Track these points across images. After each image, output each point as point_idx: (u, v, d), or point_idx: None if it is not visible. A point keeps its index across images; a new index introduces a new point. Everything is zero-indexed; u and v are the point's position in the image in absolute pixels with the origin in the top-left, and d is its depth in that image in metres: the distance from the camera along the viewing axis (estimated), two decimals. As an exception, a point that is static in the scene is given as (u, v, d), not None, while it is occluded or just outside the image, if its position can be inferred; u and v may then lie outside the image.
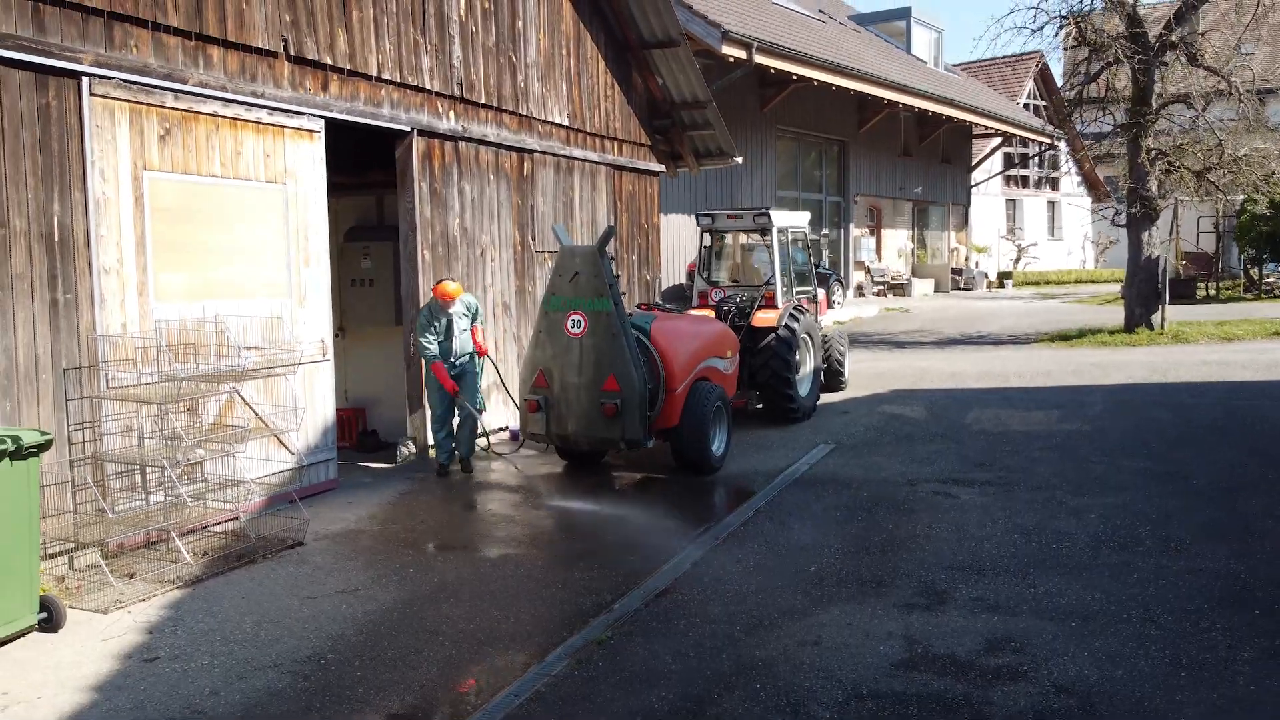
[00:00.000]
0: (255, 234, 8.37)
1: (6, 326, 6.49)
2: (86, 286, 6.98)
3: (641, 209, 15.09)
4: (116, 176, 7.20)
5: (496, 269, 11.64)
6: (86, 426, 6.95)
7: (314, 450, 8.96)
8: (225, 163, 8.11)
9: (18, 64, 6.54)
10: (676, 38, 14.27)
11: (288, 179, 8.72)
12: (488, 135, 11.41)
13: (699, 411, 9.45)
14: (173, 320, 7.57)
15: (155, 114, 7.49)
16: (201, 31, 7.86)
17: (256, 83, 8.38)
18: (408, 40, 10.17)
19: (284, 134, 8.67)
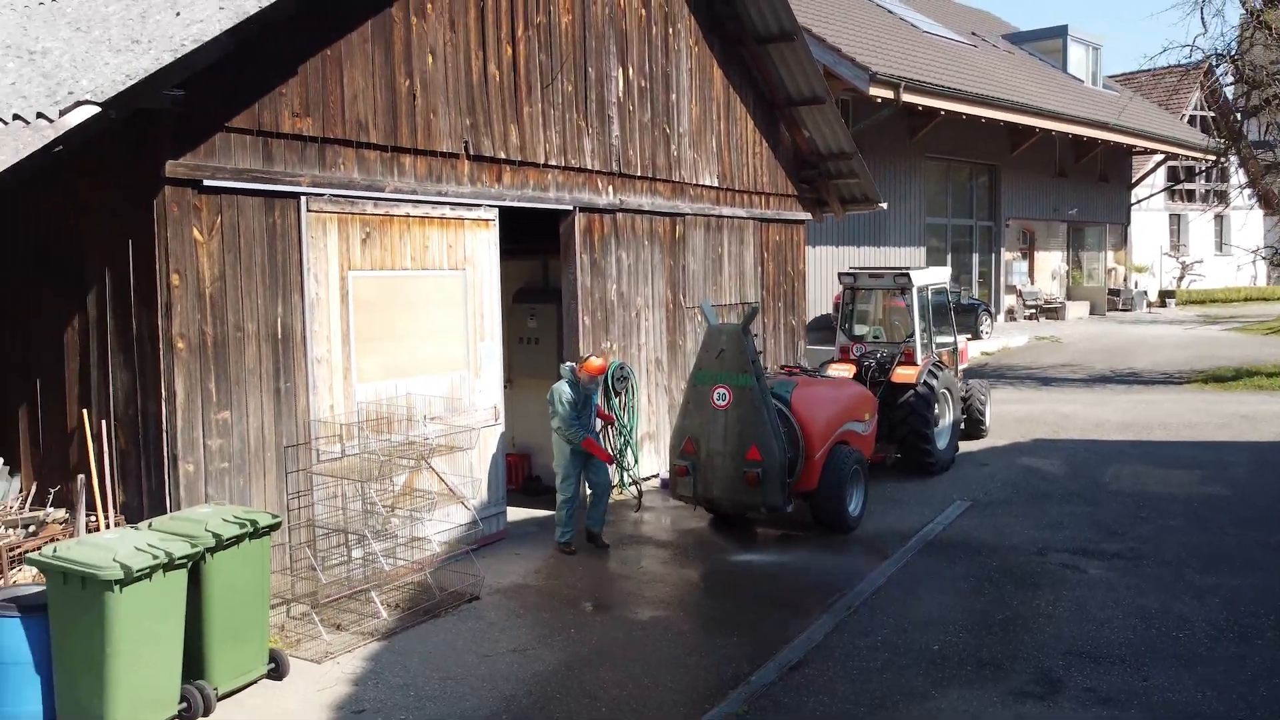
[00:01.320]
0: (439, 316, 9.43)
1: (242, 414, 7.66)
2: (303, 375, 8.11)
3: (788, 257, 15.70)
4: (327, 278, 8.32)
5: (649, 327, 12.49)
6: (301, 494, 8.08)
7: (487, 505, 9.97)
8: (415, 256, 9.19)
9: (252, 192, 7.70)
10: (822, 95, 14.83)
11: (467, 265, 9.76)
12: (643, 205, 12.27)
13: (837, 475, 10.06)
14: (370, 399, 8.66)
15: (358, 221, 8.60)
16: (396, 144, 8.93)
17: (441, 183, 9.43)
18: (571, 127, 11.10)
19: (464, 225, 9.71)
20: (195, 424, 7.34)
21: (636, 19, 12.15)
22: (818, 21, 21.95)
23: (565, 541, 9.71)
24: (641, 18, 12.25)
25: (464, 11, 9.65)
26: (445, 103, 9.44)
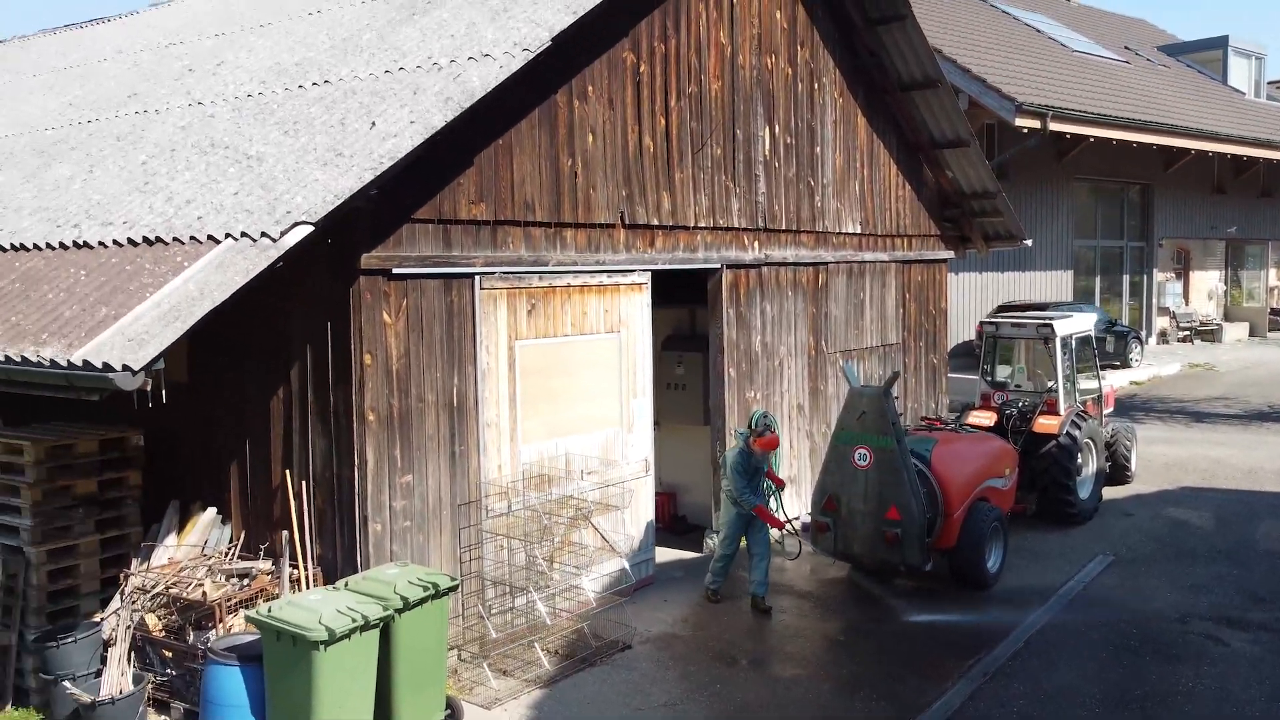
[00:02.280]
0: (595, 377, 10.06)
1: (422, 476, 8.44)
2: (474, 439, 8.85)
3: (930, 297, 15.85)
4: (497, 349, 9.04)
5: (792, 375, 12.89)
6: (471, 548, 8.82)
7: (637, 551, 10.57)
8: (574, 322, 9.84)
9: (433, 275, 8.46)
10: (966, 138, 14.94)
11: (621, 328, 10.37)
12: (787, 258, 12.68)
13: (976, 533, 10.29)
14: (533, 458, 9.35)
15: (524, 294, 9.30)
16: (559, 220, 9.59)
17: (599, 252, 10.05)
18: (720, 188, 11.60)
19: (619, 290, 10.32)
20: (383, 487, 8.13)
21: (783, 78, 12.56)
22: (964, 49, 21.91)
23: (714, 590, 10.22)
24: (788, 76, 12.66)
25: (621, 90, 10.26)
26: (604, 177, 10.06)
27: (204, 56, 12.97)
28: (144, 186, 8.70)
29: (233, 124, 9.45)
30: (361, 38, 10.74)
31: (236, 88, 10.67)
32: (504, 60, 8.31)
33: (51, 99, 14.03)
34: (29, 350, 6.49)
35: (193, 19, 15.85)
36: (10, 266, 8.23)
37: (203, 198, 7.88)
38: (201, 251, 6.97)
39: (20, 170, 10.82)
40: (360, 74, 9.43)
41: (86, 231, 8.16)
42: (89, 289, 7.15)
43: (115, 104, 12.16)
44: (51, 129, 12.17)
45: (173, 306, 6.37)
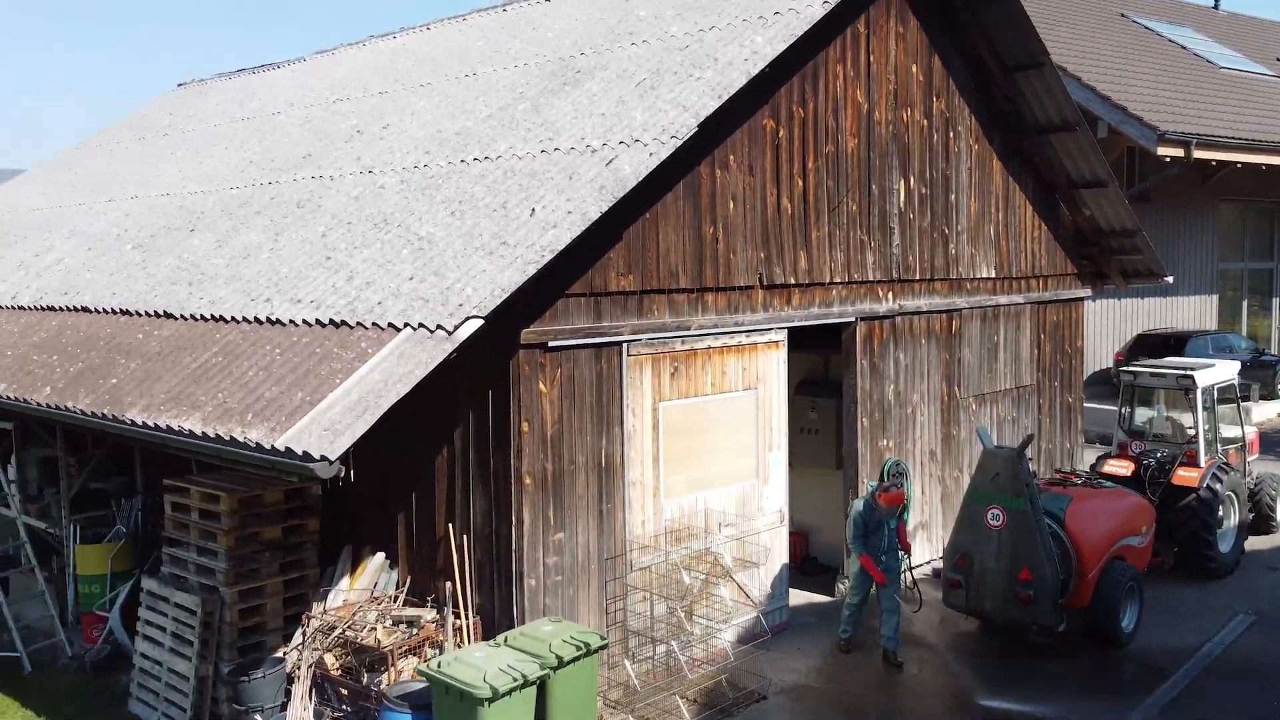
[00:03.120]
0: (733, 433, 10.44)
1: (572, 534, 8.97)
2: (620, 497, 9.33)
3: (1065, 336, 15.69)
4: (642, 411, 9.50)
5: (924, 421, 13.01)
6: (617, 600, 9.31)
7: (772, 599, 10.91)
8: (714, 382, 10.24)
9: (585, 346, 8.97)
10: (1105, 179, 14.75)
11: (758, 384, 10.72)
12: (920, 306, 12.80)
13: (1110, 593, 10.29)
14: (674, 513, 9.79)
15: (668, 358, 9.74)
16: (701, 286, 10.00)
17: (738, 313, 10.42)
18: (854, 243, 11.82)
19: (756, 349, 10.67)
20: (537, 545, 8.69)
21: (918, 130, 12.69)
22: (1102, 73, 21.45)
23: (845, 640, 10.49)
24: (923, 128, 12.78)
25: (761, 155, 10.60)
26: (743, 241, 10.42)
27: (370, 116, 13.83)
28: (325, 262, 9.46)
29: (402, 198, 10.16)
30: (516, 108, 11.34)
31: (403, 156, 11.41)
32: (654, 147, 8.76)
33: (233, 153, 15.14)
34: (237, 431, 7.24)
35: (357, 72, 16.81)
36: (212, 338, 9.08)
37: (381, 280, 8.56)
38: (384, 339, 7.62)
39: (213, 233, 11.80)
40: (518, 151, 10.01)
41: (278, 307, 8.94)
42: (284, 370, 7.89)
43: (292, 165, 13.09)
44: (236, 188, 13.18)
45: (361, 397, 7.02)
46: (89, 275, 12.28)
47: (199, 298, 9.96)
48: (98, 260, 12.72)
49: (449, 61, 14.81)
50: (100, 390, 9.04)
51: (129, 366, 9.28)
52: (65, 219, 15.73)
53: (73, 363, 9.98)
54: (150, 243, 12.52)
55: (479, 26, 16.14)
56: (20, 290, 12.96)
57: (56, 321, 11.37)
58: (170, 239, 12.31)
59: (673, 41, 11.20)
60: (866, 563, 10.18)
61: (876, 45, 12.05)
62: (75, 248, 13.78)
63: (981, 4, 12.96)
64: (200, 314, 9.62)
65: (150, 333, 9.78)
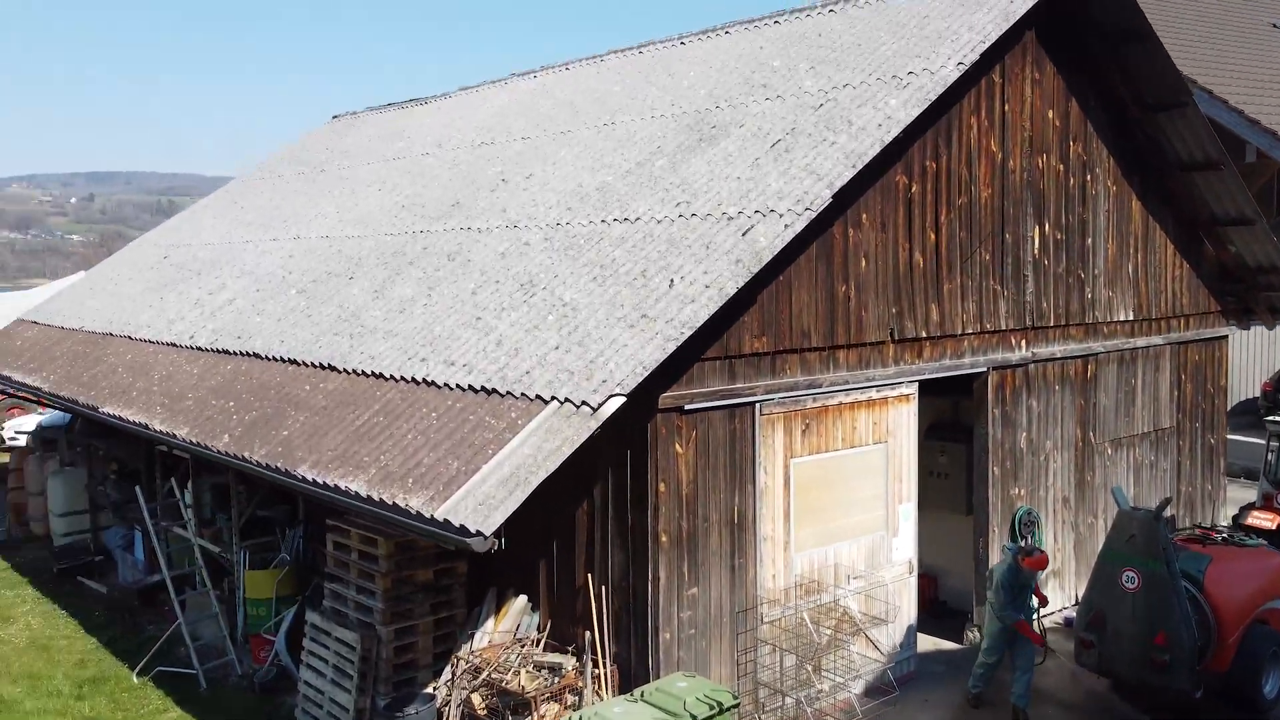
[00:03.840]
0: (862, 486, 10.55)
1: (705, 589, 9.25)
2: (752, 552, 9.56)
3: (1207, 376, 15.20)
4: (773, 468, 9.71)
5: (1058, 468, 12.82)
6: (747, 652, 9.54)
7: (900, 649, 10.97)
8: (845, 437, 10.37)
9: (719, 407, 9.23)
10: (1252, 216, 14.24)
11: (888, 438, 10.79)
12: (1055, 353, 12.63)
13: (1251, 659, 10.01)
14: (804, 567, 9.96)
15: (799, 415, 9.92)
16: (832, 343, 10.14)
17: (869, 369, 10.52)
18: (987, 293, 11.75)
19: (886, 403, 10.75)
20: (672, 600, 8.99)
21: (1054, 175, 12.52)
22: (1253, 96, 20.58)
23: (975, 694, 10.47)
24: (1059, 173, 12.60)
25: (893, 212, 10.66)
26: (874, 297, 10.51)
27: (513, 163, 14.37)
28: (476, 322, 9.96)
29: (546, 258, 10.59)
30: (654, 164, 11.66)
31: (545, 211, 11.86)
32: (789, 218, 8.96)
33: (386, 196, 15.91)
34: (399, 497, 7.76)
35: (500, 114, 17.42)
36: (373, 396, 9.68)
37: (528, 347, 8.99)
38: (532, 410, 8.04)
39: (370, 281, 12.49)
40: (656, 214, 10.33)
41: (433, 368, 9.48)
42: (440, 435, 8.39)
43: (442, 212, 13.72)
44: (390, 234, 13.89)
45: (512, 471, 7.44)
46: (258, 319, 13.14)
47: (360, 352, 10.60)
48: (266, 304, 13.58)
49: (588, 107, 15.24)
50: (273, 442, 9.74)
51: (298, 419, 9.97)
52: (235, 256, 16.79)
53: (247, 411, 10.75)
54: (313, 288, 13.31)
55: (616, 70, 16.53)
56: (197, 330, 13.94)
57: (231, 366, 12.22)
58: (331, 285, 13.07)
59: (806, 99, 11.35)
60: (1024, 628, 10.05)
61: (1012, 94, 11.95)
62: (245, 288, 14.73)
63: (1121, 44, 12.69)
64: (361, 369, 10.25)
65: (316, 385, 10.46)
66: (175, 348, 13.86)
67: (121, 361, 14.43)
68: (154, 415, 11.90)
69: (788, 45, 13.42)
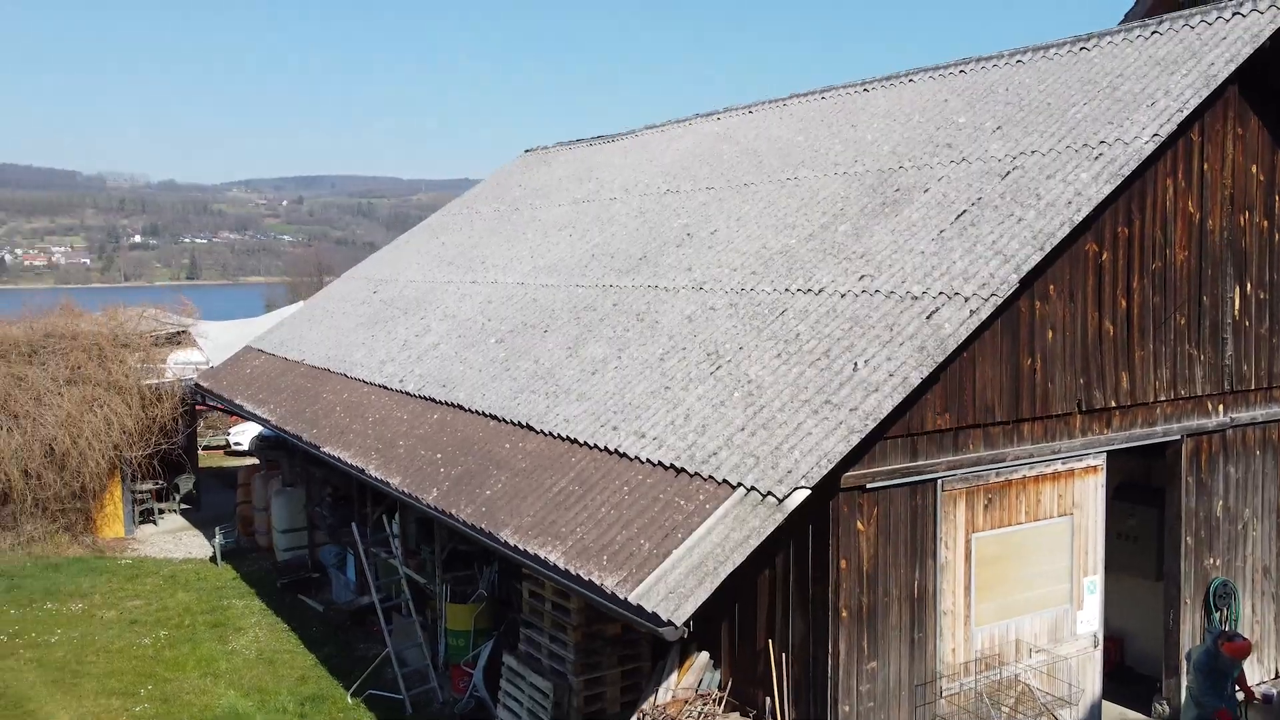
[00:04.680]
0: (1045, 560, 10.39)
1: (884, 662, 9.36)
2: (932, 626, 9.60)
3: None
4: (954, 543, 9.71)
5: (1257, 537, 12.22)
6: (925, 722, 9.59)
7: (1081, 722, 10.76)
8: (1028, 511, 10.25)
9: (900, 485, 9.32)
10: None
11: (1074, 510, 10.59)
12: (1255, 417, 12.04)
13: None
14: (984, 641, 9.92)
15: (981, 490, 9.88)
16: (1017, 417, 10.03)
17: (1054, 441, 10.35)
18: (1182, 358, 11.33)
19: (1073, 475, 10.55)
20: (851, 673, 9.15)
21: (1257, 232, 11.94)
22: None
23: None
24: (1263, 229, 12.00)
25: (1082, 281, 10.44)
26: (1061, 369, 10.33)
27: (698, 215, 14.74)
28: (664, 392, 10.37)
29: (731, 325, 10.90)
30: (837, 229, 11.79)
31: (730, 274, 12.16)
32: (974, 303, 8.96)
33: (577, 243, 16.58)
34: (595, 575, 8.24)
35: (684, 159, 17.84)
36: (568, 463, 10.23)
37: (715, 425, 9.33)
38: (719, 495, 8.36)
39: (563, 337, 13.12)
40: (840, 286, 10.47)
41: (624, 439, 9.94)
42: (631, 512, 8.83)
43: (630, 266, 14.22)
44: (581, 286, 14.50)
45: (701, 560, 7.80)
46: (460, 368, 13.98)
47: (555, 414, 11.19)
48: (467, 352, 14.43)
49: (771, 157, 15.46)
50: (478, 501, 10.43)
51: (500, 479, 10.62)
52: (437, 297, 17.83)
53: (453, 465, 11.52)
54: (510, 339, 14.05)
55: (799, 117, 16.66)
56: (406, 374, 14.93)
57: (437, 416, 13.07)
58: (527, 338, 13.77)
59: (993, 164, 11.23)
60: (1225, 717, 9.74)
61: (1211, 152, 11.46)
62: (448, 332, 15.66)
63: (1333, 89, 11.97)
64: (557, 433, 10.82)
65: (516, 444, 11.11)
66: (386, 390, 14.89)
67: (339, 400, 15.60)
68: (369, 460, 12.87)
69: (974, 100, 13.26)
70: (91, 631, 15.85)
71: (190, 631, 15.71)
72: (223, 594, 17.60)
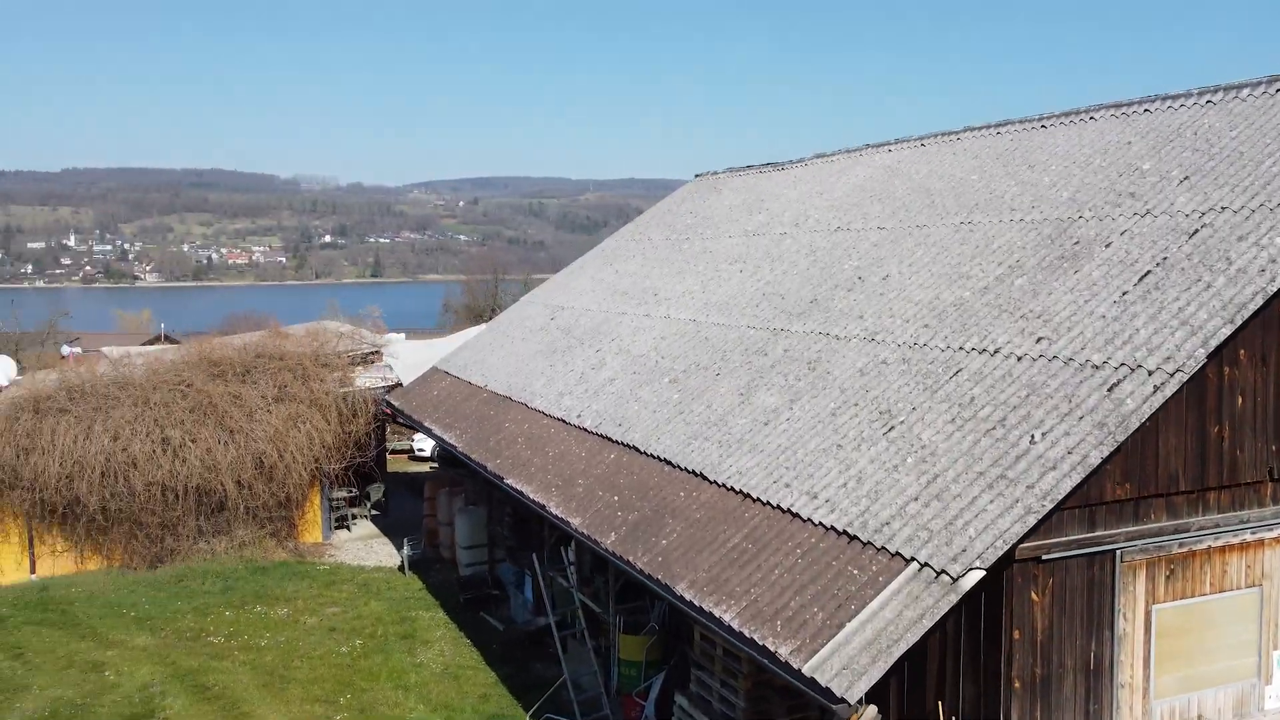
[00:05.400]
0: (1230, 632, 10.00)
1: (1057, 733, 9.25)
2: (1108, 698, 9.42)
3: None
4: (1133, 614, 9.49)
5: None
6: (1099, 794, 9.42)
7: (1268, 800, 10.31)
8: (1213, 582, 9.89)
9: (1076, 556, 9.18)
10: None
11: (1263, 581, 10.15)
12: None
13: None
14: (1163, 715, 9.64)
15: (1163, 562, 9.61)
16: (1202, 486, 9.70)
17: (1242, 510, 9.94)
18: (1389, 422, 10.65)
19: (1262, 545, 10.11)
20: (1022, 743, 9.09)
21: None
22: None
23: None
24: None
25: (1275, 345, 9.97)
26: (1251, 435, 9.91)
27: (869, 257, 14.74)
28: (836, 451, 10.51)
29: (903, 383, 10.93)
30: (1013, 283, 11.62)
31: (903, 325, 12.16)
32: (1158, 377, 8.75)
33: (747, 280, 16.81)
34: (769, 641, 8.49)
35: (855, 194, 17.81)
36: (741, 517, 10.51)
37: (887, 493, 9.41)
38: (893, 569, 8.46)
39: (735, 381, 13.39)
40: (1016, 347, 10.35)
41: (796, 499, 10.14)
42: (804, 577, 9.03)
43: (801, 309, 14.36)
44: (753, 328, 14.73)
45: (875, 636, 7.94)
46: (635, 407, 14.45)
47: (729, 465, 11.47)
48: (641, 391, 14.89)
49: (944, 197, 15.29)
50: (654, 550, 10.83)
51: (675, 529, 11.00)
52: (611, 328, 18.40)
53: (630, 510, 11.97)
54: (683, 379, 14.43)
55: (973, 153, 16.40)
56: (583, 410, 15.52)
57: (613, 456, 13.57)
58: (699, 379, 14.11)
59: (1180, 220, 10.85)
60: None
61: None
62: (623, 369, 16.18)
63: None
64: (730, 485, 11.11)
65: (690, 494, 11.47)
66: (565, 424, 15.52)
67: (520, 431, 16.35)
68: (550, 497, 13.49)
69: (1159, 144, 12.80)
70: (296, 637, 17.13)
71: (382, 642, 16.78)
72: (410, 605, 18.69)
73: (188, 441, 20.60)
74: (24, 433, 20.11)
